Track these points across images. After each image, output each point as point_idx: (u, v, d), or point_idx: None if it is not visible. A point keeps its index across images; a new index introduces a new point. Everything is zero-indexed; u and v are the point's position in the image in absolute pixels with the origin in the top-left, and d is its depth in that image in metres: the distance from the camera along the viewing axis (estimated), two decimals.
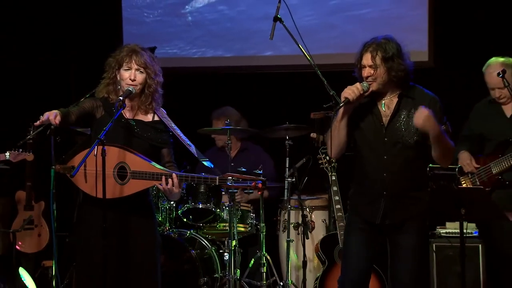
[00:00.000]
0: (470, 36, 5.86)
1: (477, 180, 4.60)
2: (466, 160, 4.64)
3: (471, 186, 4.56)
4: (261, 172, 4.93)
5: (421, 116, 3.37)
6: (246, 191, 3.64)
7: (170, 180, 3.41)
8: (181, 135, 3.61)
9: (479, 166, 4.60)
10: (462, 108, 5.67)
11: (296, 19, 4.53)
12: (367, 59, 3.48)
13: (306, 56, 4.51)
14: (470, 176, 4.64)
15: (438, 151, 3.45)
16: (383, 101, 3.54)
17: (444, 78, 5.98)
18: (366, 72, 3.48)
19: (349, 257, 3.62)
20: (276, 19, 4.57)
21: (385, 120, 3.52)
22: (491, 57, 4.73)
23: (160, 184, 3.42)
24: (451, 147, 3.50)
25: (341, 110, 3.47)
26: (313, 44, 4.62)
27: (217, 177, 3.43)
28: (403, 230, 3.53)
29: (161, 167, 3.48)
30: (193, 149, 3.60)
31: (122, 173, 3.45)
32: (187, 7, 6.37)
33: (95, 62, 3.68)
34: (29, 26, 6.32)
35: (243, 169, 4.83)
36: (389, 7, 6.02)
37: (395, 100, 3.52)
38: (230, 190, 4.78)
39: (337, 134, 3.52)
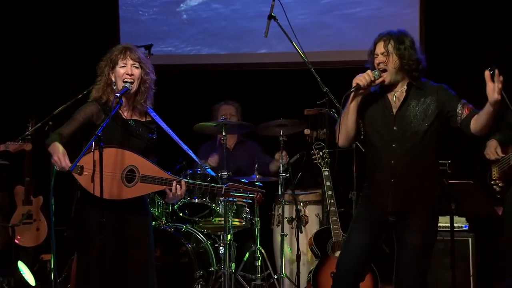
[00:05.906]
0: (461, 35, 5.90)
1: (498, 169, 4.51)
2: (491, 148, 4.53)
3: (461, 181, 4.59)
4: (255, 177, 5.08)
5: (497, 88, 3.24)
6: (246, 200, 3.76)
7: (179, 186, 3.46)
8: (178, 140, 3.62)
9: (504, 155, 4.50)
10: None
11: (290, 18, 4.60)
12: (379, 47, 3.55)
13: (300, 54, 4.59)
14: (497, 164, 4.53)
15: (490, 121, 3.36)
16: (394, 94, 3.58)
17: (434, 76, 6.02)
18: (378, 59, 3.54)
19: (348, 242, 3.63)
20: (270, 17, 4.63)
21: (395, 109, 3.56)
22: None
23: (169, 189, 3.45)
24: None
25: (351, 96, 3.51)
26: (306, 42, 4.69)
27: (224, 187, 3.50)
28: (410, 227, 3.51)
29: (169, 173, 3.49)
30: (192, 154, 3.63)
31: (130, 175, 3.45)
32: (181, 5, 6.38)
33: (93, 60, 3.68)
34: (27, 25, 6.34)
35: (245, 181, 4.85)
36: (381, 5, 6.07)
37: (405, 90, 3.58)
38: (229, 199, 4.78)
39: (346, 120, 3.54)
